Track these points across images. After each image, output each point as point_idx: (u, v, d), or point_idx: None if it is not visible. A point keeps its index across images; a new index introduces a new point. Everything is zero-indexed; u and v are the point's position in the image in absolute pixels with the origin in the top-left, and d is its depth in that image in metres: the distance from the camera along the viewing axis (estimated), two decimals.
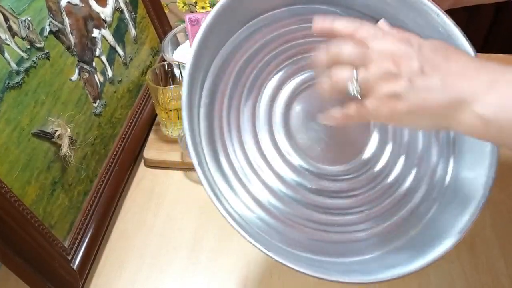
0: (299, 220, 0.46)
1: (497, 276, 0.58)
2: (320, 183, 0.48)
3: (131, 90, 0.77)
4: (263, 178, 0.47)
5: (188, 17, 0.80)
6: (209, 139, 0.46)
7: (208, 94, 0.46)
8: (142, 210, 0.68)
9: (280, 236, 0.45)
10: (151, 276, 0.60)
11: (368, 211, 0.48)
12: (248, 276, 0.59)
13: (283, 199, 0.47)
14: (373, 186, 0.49)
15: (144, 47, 0.82)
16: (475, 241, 0.62)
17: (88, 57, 0.65)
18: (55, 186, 0.56)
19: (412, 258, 0.43)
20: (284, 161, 0.48)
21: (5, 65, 0.49)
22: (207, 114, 0.46)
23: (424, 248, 0.43)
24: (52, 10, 0.58)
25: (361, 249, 0.46)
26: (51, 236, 0.54)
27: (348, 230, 0.47)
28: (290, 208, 0.46)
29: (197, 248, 0.63)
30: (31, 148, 0.52)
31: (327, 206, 0.47)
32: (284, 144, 0.48)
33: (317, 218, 0.47)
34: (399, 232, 0.47)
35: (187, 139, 0.41)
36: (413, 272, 0.42)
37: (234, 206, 0.44)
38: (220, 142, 0.46)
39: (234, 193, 0.45)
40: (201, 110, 0.46)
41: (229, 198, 0.44)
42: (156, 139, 0.77)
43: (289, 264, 0.39)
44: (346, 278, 0.40)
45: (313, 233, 0.46)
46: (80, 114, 0.62)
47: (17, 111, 0.50)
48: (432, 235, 0.45)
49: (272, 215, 0.46)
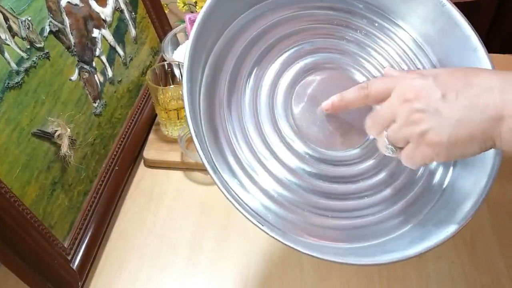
0: (302, 206, 0.46)
1: (497, 276, 0.58)
2: (321, 168, 0.48)
3: (131, 90, 0.77)
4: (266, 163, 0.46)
5: (188, 17, 0.80)
6: (209, 120, 0.45)
7: (210, 73, 0.46)
8: (142, 210, 0.68)
9: (281, 221, 0.44)
10: (151, 276, 0.60)
11: (369, 197, 0.48)
12: (248, 276, 0.59)
13: (288, 185, 0.46)
14: (377, 172, 0.49)
15: (144, 47, 0.82)
16: (475, 241, 0.62)
17: (88, 57, 0.65)
18: (55, 186, 0.56)
19: (410, 245, 0.43)
20: (288, 148, 0.47)
21: (5, 65, 0.49)
22: (208, 94, 0.46)
23: (423, 236, 0.43)
24: (52, 10, 0.58)
25: (363, 235, 0.46)
26: (51, 236, 0.54)
27: (349, 216, 0.47)
28: (294, 194, 0.46)
29: (197, 248, 0.63)
30: (31, 148, 0.52)
31: (330, 192, 0.47)
32: (287, 130, 0.48)
33: (321, 203, 0.46)
34: (400, 221, 0.47)
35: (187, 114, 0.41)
36: (410, 257, 0.41)
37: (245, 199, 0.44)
38: (220, 127, 0.46)
39: (244, 189, 0.45)
40: (202, 89, 0.45)
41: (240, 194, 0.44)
42: (156, 139, 0.77)
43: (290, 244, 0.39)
44: (340, 258, 0.40)
45: (314, 218, 0.46)
46: (80, 114, 0.62)
47: (17, 111, 0.50)
48: (433, 225, 0.45)
49: (274, 200, 0.45)
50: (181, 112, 0.73)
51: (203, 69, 0.46)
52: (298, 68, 0.49)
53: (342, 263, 0.40)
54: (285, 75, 0.49)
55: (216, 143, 0.45)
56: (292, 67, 0.49)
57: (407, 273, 0.59)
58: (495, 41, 1.25)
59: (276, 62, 0.49)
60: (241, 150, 0.46)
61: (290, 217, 0.45)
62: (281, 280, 0.59)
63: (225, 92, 0.47)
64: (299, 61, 0.49)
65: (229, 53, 0.47)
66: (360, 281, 0.58)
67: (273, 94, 0.48)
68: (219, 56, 0.47)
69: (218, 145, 0.45)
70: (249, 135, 0.46)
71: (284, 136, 0.47)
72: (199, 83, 0.45)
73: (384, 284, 0.58)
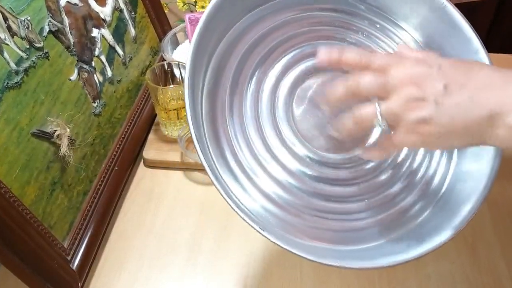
0: (302, 208, 0.46)
1: (498, 277, 0.58)
2: (323, 171, 0.48)
3: (130, 90, 0.77)
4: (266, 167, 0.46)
5: (188, 16, 0.80)
6: (211, 124, 0.45)
7: (212, 76, 0.46)
8: (141, 210, 0.68)
9: (281, 223, 0.44)
10: (151, 277, 0.60)
11: (369, 200, 0.48)
12: (248, 276, 0.59)
13: (288, 188, 0.46)
14: (376, 175, 0.49)
15: (143, 46, 0.82)
16: (476, 242, 0.62)
17: (87, 56, 0.65)
18: (54, 186, 0.56)
19: (409, 248, 0.43)
20: (289, 151, 0.47)
21: (5, 65, 0.49)
22: (210, 96, 0.46)
23: (423, 238, 0.43)
24: (52, 9, 0.58)
25: (359, 238, 0.46)
26: (50, 237, 0.54)
27: (348, 218, 0.47)
28: (295, 197, 0.46)
29: (197, 248, 0.62)
30: (30, 148, 0.52)
31: (330, 194, 0.47)
32: (288, 133, 0.48)
33: (321, 206, 0.46)
34: (399, 223, 0.47)
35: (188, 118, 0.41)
36: (409, 260, 0.41)
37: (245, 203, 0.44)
38: (221, 129, 0.46)
39: (244, 190, 0.45)
40: (204, 91, 0.45)
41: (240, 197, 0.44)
42: (155, 139, 0.76)
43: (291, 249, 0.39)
44: (339, 262, 0.40)
45: (314, 221, 0.46)
46: (80, 114, 0.61)
47: (16, 111, 0.50)
48: (432, 227, 0.45)
49: (275, 203, 0.45)
50: (181, 112, 0.73)
51: (205, 72, 0.46)
52: (299, 71, 0.49)
53: (340, 267, 0.40)
54: (286, 77, 0.49)
55: (218, 146, 0.45)
56: (293, 70, 0.49)
57: (408, 275, 0.58)
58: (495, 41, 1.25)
59: (278, 65, 0.49)
60: (242, 153, 0.46)
61: (289, 219, 0.45)
62: (281, 282, 0.59)
63: (227, 94, 0.47)
64: (300, 64, 0.49)
65: (231, 55, 0.47)
66: (361, 283, 0.58)
67: (274, 96, 0.48)
68: (221, 59, 0.47)
69: (220, 148, 0.45)
70: (250, 138, 0.46)
71: (285, 139, 0.47)
72: (201, 86, 0.45)
73: (384, 286, 0.58)
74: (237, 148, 0.46)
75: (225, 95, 0.47)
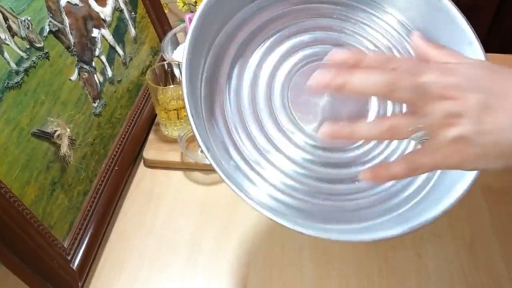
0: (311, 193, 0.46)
1: (497, 277, 0.58)
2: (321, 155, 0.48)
3: (130, 90, 0.77)
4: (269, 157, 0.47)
5: (188, 16, 0.80)
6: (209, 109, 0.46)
7: (211, 63, 0.47)
8: (141, 210, 0.68)
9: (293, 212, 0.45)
10: (151, 277, 0.60)
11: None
12: (248, 276, 0.59)
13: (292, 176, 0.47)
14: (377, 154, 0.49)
15: (143, 47, 0.82)
16: (475, 241, 0.62)
17: (87, 57, 0.65)
18: (54, 186, 0.56)
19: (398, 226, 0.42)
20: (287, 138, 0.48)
21: (5, 65, 0.49)
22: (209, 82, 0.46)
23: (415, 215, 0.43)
24: (52, 9, 0.58)
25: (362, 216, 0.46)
26: (50, 236, 0.54)
27: (351, 198, 0.47)
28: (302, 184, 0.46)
29: (197, 248, 0.63)
30: (30, 148, 0.52)
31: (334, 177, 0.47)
32: (285, 121, 0.48)
33: (324, 188, 0.47)
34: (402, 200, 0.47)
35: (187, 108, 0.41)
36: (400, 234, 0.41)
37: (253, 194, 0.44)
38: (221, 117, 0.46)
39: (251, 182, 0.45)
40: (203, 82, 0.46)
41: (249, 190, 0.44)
42: (155, 139, 0.76)
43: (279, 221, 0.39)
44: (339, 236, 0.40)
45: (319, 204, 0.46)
46: (80, 114, 0.62)
47: (16, 111, 0.50)
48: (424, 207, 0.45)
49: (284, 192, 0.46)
50: (181, 112, 0.73)
51: (204, 64, 0.46)
52: (296, 59, 0.50)
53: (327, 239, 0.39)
54: (283, 66, 0.50)
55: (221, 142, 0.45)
56: (290, 58, 0.50)
57: (407, 273, 0.59)
58: (495, 40, 1.25)
59: (275, 53, 0.50)
60: (244, 146, 0.46)
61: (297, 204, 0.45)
62: (281, 282, 0.59)
63: (226, 80, 0.47)
64: (298, 52, 0.50)
65: (231, 44, 0.48)
66: (359, 281, 0.58)
67: (271, 85, 0.49)
68: (220, 47, 0.47)
69: (223, 144, 0.46)
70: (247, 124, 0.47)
71: (283, 127, 0.48)
72: (200, 73, 0.46)
73: (383, 284, 0.58)
74: (239, 142, 0.46)
75: (224, 87, 0.47)
